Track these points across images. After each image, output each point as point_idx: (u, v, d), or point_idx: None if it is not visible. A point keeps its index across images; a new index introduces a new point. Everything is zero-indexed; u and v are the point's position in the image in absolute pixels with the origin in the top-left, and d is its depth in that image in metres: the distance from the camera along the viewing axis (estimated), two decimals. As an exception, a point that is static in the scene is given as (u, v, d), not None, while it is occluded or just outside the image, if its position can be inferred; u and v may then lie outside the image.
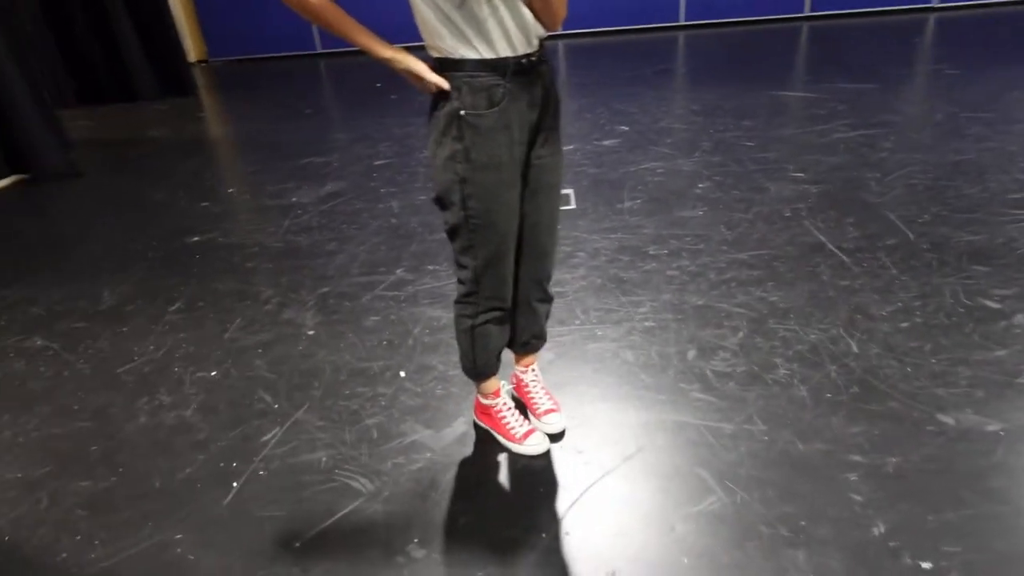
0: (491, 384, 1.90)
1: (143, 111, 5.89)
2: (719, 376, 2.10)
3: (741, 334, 2.30)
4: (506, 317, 1.75)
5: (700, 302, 2.51)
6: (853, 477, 1.70)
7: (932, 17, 6.51)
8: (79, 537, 1.69)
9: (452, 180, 1.49)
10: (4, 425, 2.12)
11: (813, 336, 2.26)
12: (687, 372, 2.13)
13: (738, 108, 4.48)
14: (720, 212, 3.16)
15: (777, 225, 3.01)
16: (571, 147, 4.01)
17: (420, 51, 1.45)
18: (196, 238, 3.30)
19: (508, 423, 1.89)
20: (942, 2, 6.64)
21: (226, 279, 2.91)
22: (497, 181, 1.49)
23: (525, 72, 1.43)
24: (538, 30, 1.42)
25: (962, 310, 2.36)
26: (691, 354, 2.22)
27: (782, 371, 2.11)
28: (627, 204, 3.31)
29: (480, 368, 1.83)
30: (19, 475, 1.91)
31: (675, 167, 3.68)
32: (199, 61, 7.55)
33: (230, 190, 3.94)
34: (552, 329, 2.21)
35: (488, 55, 1.38)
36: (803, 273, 2.65)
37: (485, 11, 1.33)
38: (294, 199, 3.66)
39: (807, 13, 6.72)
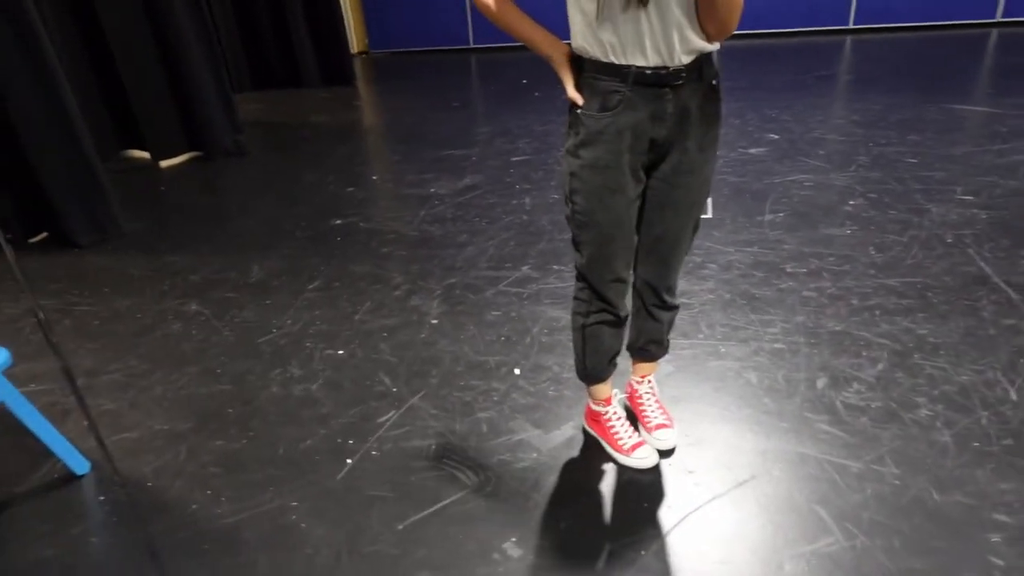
0: (602, 390, 1.87)
1: (308, 97, 6.30)
2: (850, 409, 1.96)
3: (881, 366, 2.13)
4: (620, 321, 1.71)
5: (838, 327, 2.35)
6: (996, 538, 1.52)
7: None
8: (209, 492, 1.84)
9: (565, 172, 1.53)
10: (157, 381, 2.35)
11: (965, 377, 2.05)
12: (815, 401, 2.00)
13: (905, 121, 4.13)
14: (871, 232, 2.93)
15: (936, 251, 2.75)
16: (713, 153, 3.87)
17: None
18: (339, 221, 3.50)
19: (616, 433, 1.86)
20: None
21: (362, 262, 3.06)
22: (601, 183, 1.48)
23: (651, 84, 1.38)
24: (690, 46, 1.35)
25: None
26: (821, 382, 2.08)
27: (924, 411, 1.93)
28: (768, 217, 3.15)
29: (590, 370, 1.81)
30: (166, 427, 2.11)
31: (826, 181, 3.45)
32: (360, 52, 7.97)
33: (374, 177, 4.13)
34: (674, 341, 2.14)
35: (612, 59, 1.37)
36: (960, 307, 2.41)
37: (624, 24, 1.33)
38: (432, 189, 3.79)
39: (998, 19, 6.07)
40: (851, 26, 6.37)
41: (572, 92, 1.45)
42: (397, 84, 6.65)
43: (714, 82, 1.45)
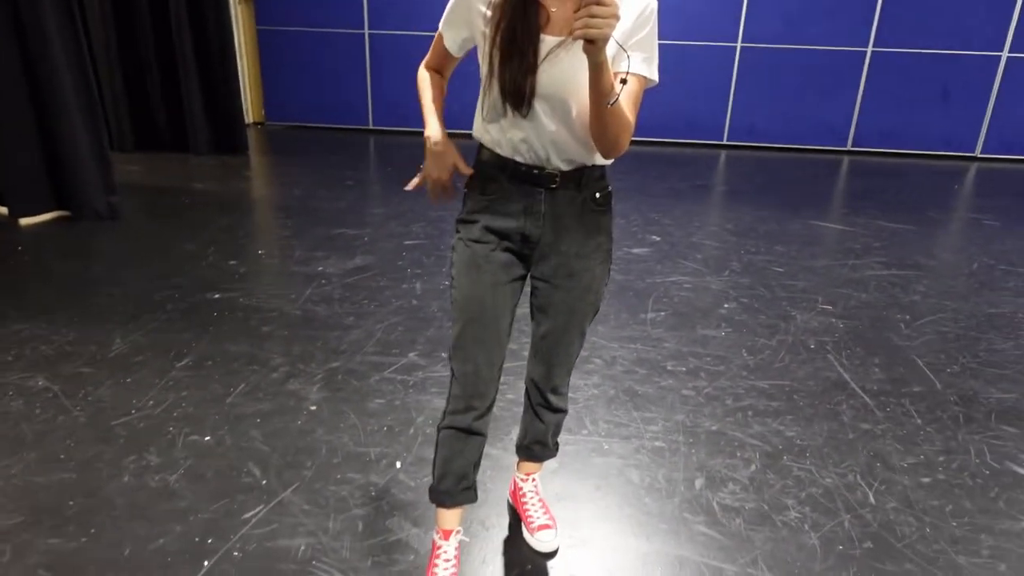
0: (444, 518, 1.68)
1: (194, 164, 6.08)
2: (726, 511, 2.00)
3: (753, 467, 2.20)
4: (468, 433, 1.57)
5: (714, 427, 2.43)
6: (861, 647, 1.56)
7: (974, 166, 6.56)
8: (35, 599, 1.61)
9: (451, 246, 1.59)
10: (-12, 465, 2.07)
11: (829, 480, 2.16)
12: (693, 502, 2.03)
13: (772, 233, 4.49)
14: (744, 335, 3.10)
15: (801, 356, 2.94)
16: (601, 250, 4.01)
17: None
18: (217, 295, 3.32)
19: None
20: (984, 153, 6.70)
21: (239, 340, 2.89)
22: (470, 259, 1.51)
23: (524, 180, 1.46)
24: (567, 156, 1.43)
25: (988, 472, 2.25)
26: (699, 483, 2.12)
27: (793, 513, 2.00)
28: (651, 315, 3.27)
29: (437, 485, 1.64)
30: (-9, 521, 1.85)
31: (703, 284, 3.65)
32: (256, 122, 7.85)
33: (260, 251, 3.99)
34: (559, 437, 2.13)
35: (496, 150, 1.47)
36: (823, 410, 2.56)
37: (506, 124, 1.43)
38: (320, 268, 3.69)
39: (849, 147, 6.82)
40: (724, 142, 6.94)
41: (431, 174, 1.53)
42: (291, 158, 6.56)
43: (598, 195, 1.51)
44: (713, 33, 6.56)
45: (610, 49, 1.27)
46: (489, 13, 1.38)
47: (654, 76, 1.39)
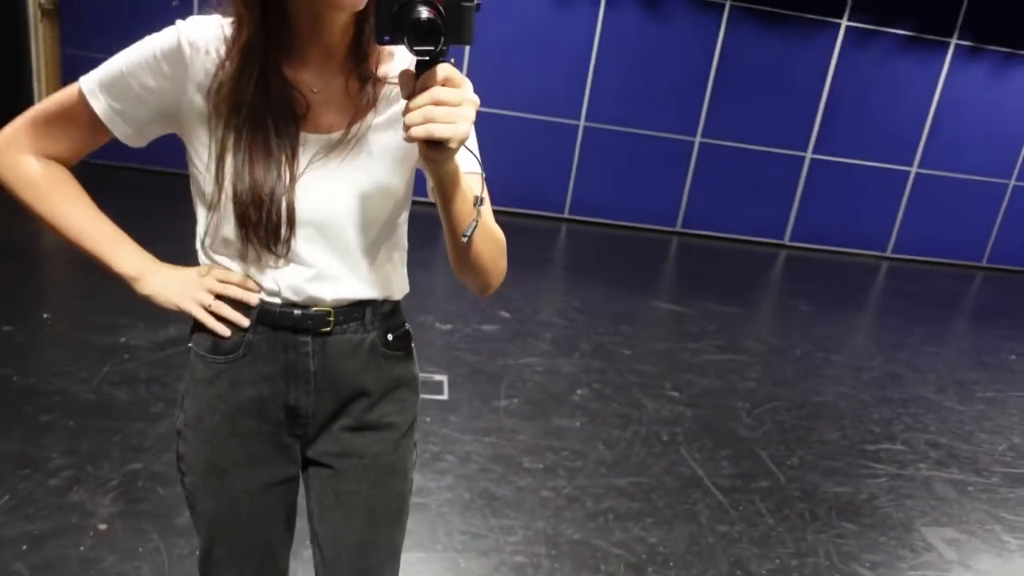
0: None
1: (-33, 200, 5.15)
2: (597, 644, 1.81)
3: (621, 585, 2.05)
4: None
5: (576, 536, 2.26)
6: None
7: (783, 253, 7.20)
8: None
9: (176, 429, 1.10)
10: None
11: (697, 597, 2.05)
12: (562, 634, 1.83)
13: (617, 313, 4.53)
14: (599, 426, 3.00)
15: (655, 449, 2.88)
16: (448, 327, 3.82)
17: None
18: (-16, 372, 2.70)
19: None
20: (793, 241, 7.39)
21: (9, 435, 2.32)
22: (208, 456, 1.05)
23: (283, 327, 1.01)
24: (342, 291, 1.01)
25: (838, 575, 2.27)
26: (566, 609, 1.92)
27: (665, 641, 1.85)
28: (504, 403, 3.09)
29: None
30: None
31: (555, 366, 3.55)
32: (53, 157, 6.91)
33: (45, 315, 3.35)
34: (409, 555, 1.85)
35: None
36: (682, 511, 2.49)
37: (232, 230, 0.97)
38: (123, 339, 3.14)
39: (678, 228, 7.23)
40: (566, 215, 7.10)
41: (197, 313, 1.03)
42: (97, 200, 5.77)
43: (390, 337, 1.07)
44: (559, 110, 6.75)
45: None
46: (213, 85, 0.92)
47: (481, 171, 0.97)
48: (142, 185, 5.76)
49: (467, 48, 6.32)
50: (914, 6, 6.76)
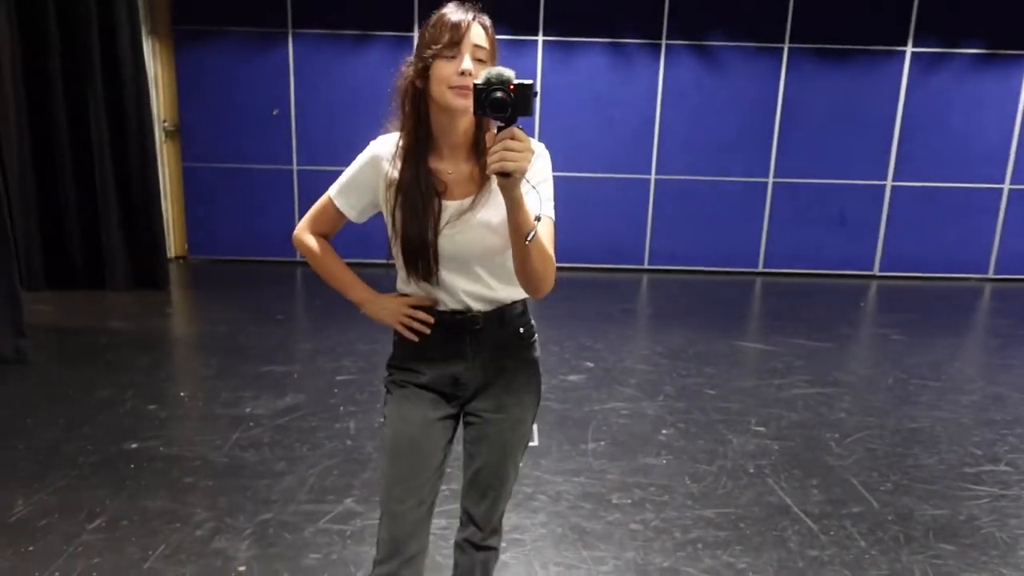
0: None
1: (110, 300, 5.85)
2: (688, 658, 1.91)
3: (710, 607, 2.14)
4: None
5: (666, 564, 2.37)
6: None
7: (874, 283, 7.04)
8: None
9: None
10: None
11: (786, 616, 2.12)
12: (653, 651, 1.94)
13: (700, 354, 4.62)
14: (685, 462, 3.11)
15: (742, 481, 2.95)
16: (536, 379, 4.02)
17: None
18: (135, 444, 3.11)
19: None
20: (883, 271, 7.22)
21: (159, 495, 2.69)
22: (401, 399, 1.57)
23: (450, 327, 1.54)
24: (486, 298, 1.53)
25: (936, 595, 2.26)
26: (657, 628, 2.04)
27: (755, 656, 1.93)
28: (591, 445, 3.25)
29: None
30: None
31: (639, 409, 3.68)
32: (178, 256, 7.70)
33: (182, 393, 3.80)
34: (508, 586, 2.03)
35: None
36: (770, 538, 2.55)
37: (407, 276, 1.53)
38: (248, 409, 3.53)
39: (760, 269, 7.22)
40: (646, 266, 7.25)
41: (397, 327, 1.58)
42: (216, 293, 6.42)
43: (521, 330, 1.59)
44: (630, 167, 7.00)
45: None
46: (393, 176, 1.48)
47: (553, 215, 1.47)
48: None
49: (537, 118, 6.73)
50: (980, 24, 6.69)
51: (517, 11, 6.54)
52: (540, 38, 6.62)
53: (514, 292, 1.56)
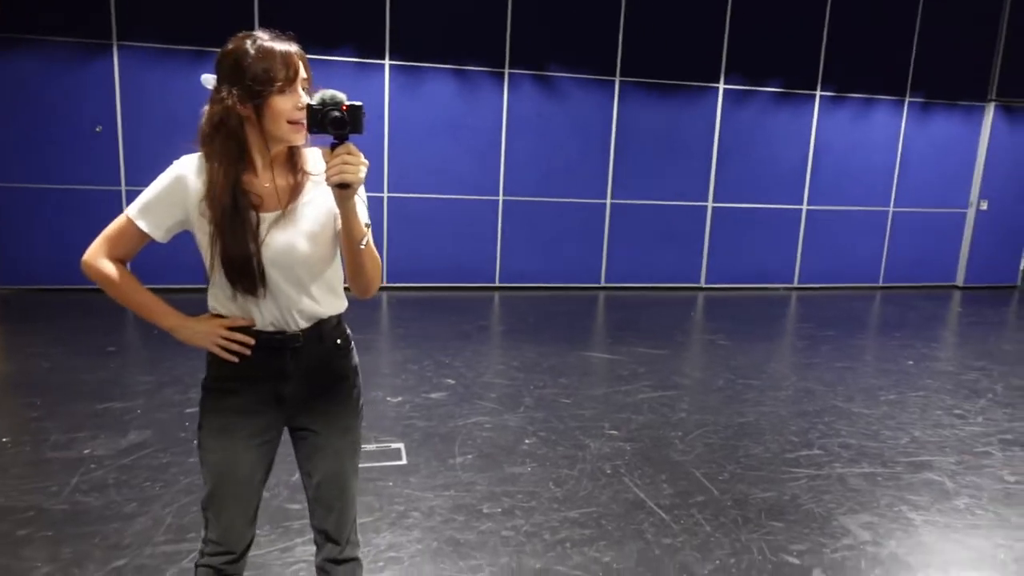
0: None
1: (-102, 341, 5.12)
2: (565, 649, 2.04)
3: (581, 600, 2.29)
4: (228, 573, 1.65)
5: (538, 565, 2.50)
6: None
7: (701, 295, 7.73)
8: None
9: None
10: None
11: (649, 599, 2.31)
12: (533, 646, 2.05)
13: (553, 367, 4.85)
14: (548, 469, 3.27)
15: (601, 482, 3.16)
16: (399, 399, 4.05)
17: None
18: (-47, 498, 2.78)
19: None
20: (708, 284, 7.95)
21: (-11, 551, 2.43)
22: (220, 428, 1.58)
23: (271, 346, 1.56)
24: (308, 314, 1.57)
25: (770, 566, 2.57)
26: (535, 625, 2.15)
27: (625, 640, 2.10)
28: (459, 459, 3.33)
29: None
30: None
31: (502, 422, 3.82)
32: (-21, 288, 6.86)
33: (4, 439, 3.43)
34: (390, 603, 2.06)
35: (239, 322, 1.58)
36: (630, 531, 2.76)
37: (242, 302, 1.55)
38: (86, 451, 3.26)
39: (602, 284, 7.69)
40: (497, 284, 7.47)
41: (214, 350, 1.57)
42: (33, 326, 5.80)
43: (338, 341, 1.65)
44: (478, 188, 7.21)
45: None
46: (204, 193, 1.49)
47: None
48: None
49: (385, 139, 6.76)
50: (779, 65, 7.62)
51: (363, 34, 6.56)
52: (387, 62, 6.68)
53: (337, 304, 1.62)
